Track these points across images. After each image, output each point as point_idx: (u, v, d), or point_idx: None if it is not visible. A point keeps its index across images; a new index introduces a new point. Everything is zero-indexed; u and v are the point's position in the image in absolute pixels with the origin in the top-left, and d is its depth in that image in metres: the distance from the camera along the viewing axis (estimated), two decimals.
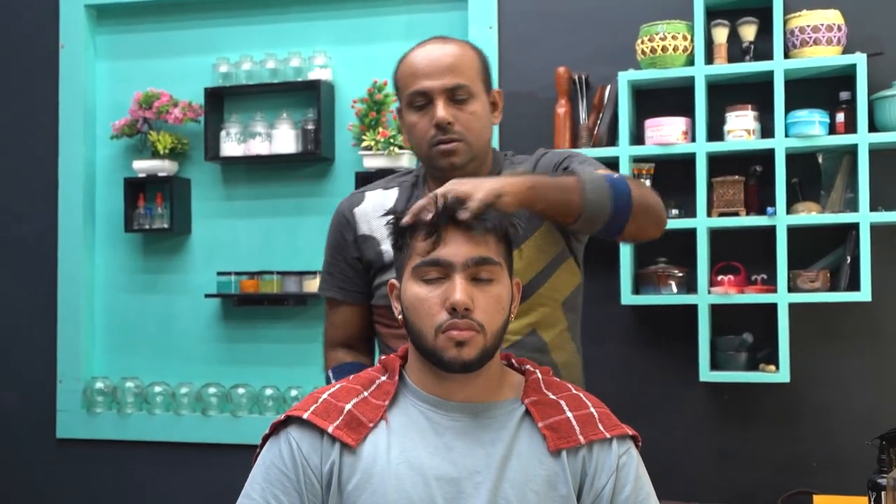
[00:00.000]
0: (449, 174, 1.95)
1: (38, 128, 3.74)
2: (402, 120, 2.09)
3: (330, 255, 2.22)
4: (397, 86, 2.09)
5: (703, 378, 2.96)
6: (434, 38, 2.09)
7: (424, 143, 2.03)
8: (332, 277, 2.21)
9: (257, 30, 3.61)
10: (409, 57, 2.06)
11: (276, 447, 1.59)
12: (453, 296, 1.52)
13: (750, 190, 3.02)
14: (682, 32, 3.02)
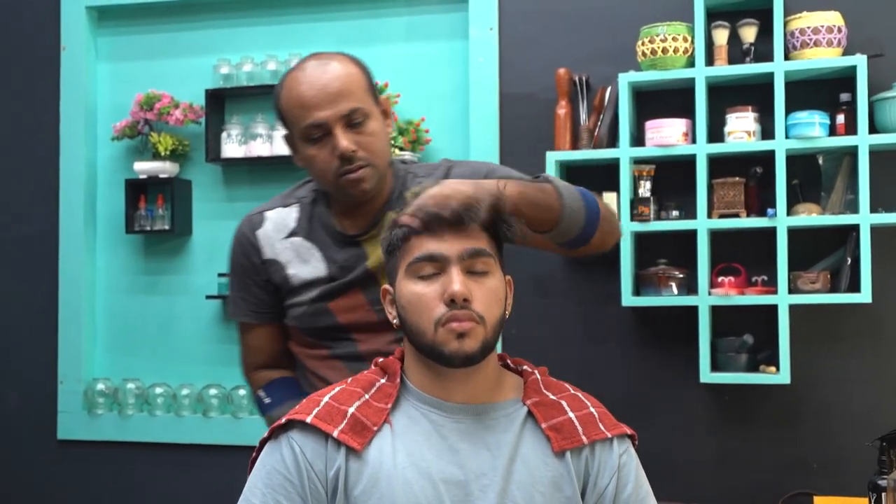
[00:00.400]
0: (359, 200, 1.98)
1: (39, 129, 3.75)
2: (295, 150, 2.01)
3: (238, 279, 2.13)
4: (284, 118, 1.99)
5: (703, 379, 2.97)
6: (312, 59, 1.99)
7: (329, 175, 1.94)
8: (245, 302, 2.13)
9: (258, 31, 3.61)
10: (293, 86, 1.95)
11: (278, 451, 1.56)
12: (451, 287, 1.52)
13: (750, 191, 3.02)
14: (683, 34, 3.02)
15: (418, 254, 1.55)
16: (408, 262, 1.56)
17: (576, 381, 3.27)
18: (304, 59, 2.00)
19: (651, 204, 3.03)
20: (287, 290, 2.07)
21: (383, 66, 3.45)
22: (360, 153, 1.92)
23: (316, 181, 2.04)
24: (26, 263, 3.75)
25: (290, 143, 2.03)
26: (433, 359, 1.55)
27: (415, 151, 3.35)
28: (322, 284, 2.03)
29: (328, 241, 2.04)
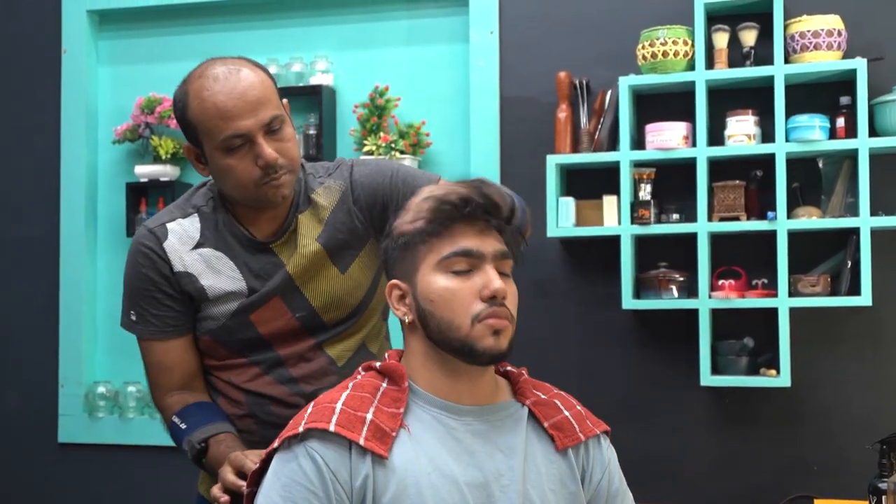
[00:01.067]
0: (275, 206, 1.95)
1: (40, 132, 3.75)
2: (204, 162, 1.94)
3: (145, 295, 2.00)
4: (196, 129, 1.90)
5: (703, 382, 2.97)
6: (216, 65, 1.91)
7: (250, 185, 1.89)
8: (157, 318, 2.00)
9: (259, 35, 3.62)
10: (206, 96, 1.87)
11: (294, 462, 1.49)
12: (493, 283, 1.53)
13: (750, 194, 3.02)
14: (683, 37, 3.02)
15: (454, 249, 1.54)
16: (440, 257, 1.54)
17: (576, 383, 3.28)
18: (205, 66, 1.92)
19: (651, 207, 3.03)
20: (202, 302, 1.99)
21: (384, 70, 3.47)
22: (281, 160, 1.88)
23: (227, 190, 1.95)
24: (27, 266, 3.75)
25: (197, 155, 1.95)
26: (461, 354, 1.54)
27: (415, 155, 3.36)
28: (240, 296, 1.98)
29: (238, 248, 1.99)
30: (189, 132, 1.93)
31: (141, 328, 2.02)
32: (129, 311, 2.03)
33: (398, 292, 1.60)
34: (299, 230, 2.00)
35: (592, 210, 3.13)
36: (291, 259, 1.98)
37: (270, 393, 2.01)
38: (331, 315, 2.02)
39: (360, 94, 3.43)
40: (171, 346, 2.02)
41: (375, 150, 3.32)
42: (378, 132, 3.35)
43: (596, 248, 3.17)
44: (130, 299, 2.02)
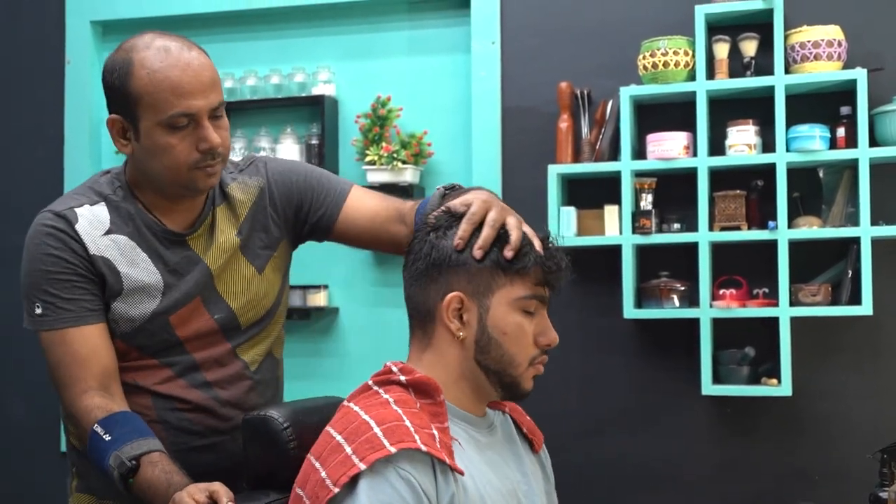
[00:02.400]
0: (198, 195, 1.89)
1: (43, 142, 3.76)
2: (143, 138, 1.81)
3: (53, 279, 1.86)
4: (140, 101, 1.78)
5: (705, 391, 2.97)
6: (165, 39, 1.82)
7: (183, 167, 1.80)
8: (70, 303, 1.85)
9: (261, 45, 3.63)
10: (159, 67, 1.77)
11: (387, 485, 1.41)
12: (552, 334, 1.60)
13: (751, 204, 3.03)
14: (684, 48, 3.04)
15: (534, 293, 1.58)
16: (520, 296, 1.57)
17: (578, 392, 3.30)
18: (150, 38, 1.81)
19: (652, 217, 3.04)
20: (115, 297, 1.87)
21: (386, 80, 3.49)
22: (221, 148, 1.83)
23: (155, 170, 1.84)
24: None
25: (123, 129, 1.84)
26: (504, 387, 1.59)
27: (417, 165, 3.37)
28: (155, 291, 1.88)
29: (152, 240, 1.89)
30: (123, 103, 1.81)
31: (52, 318, 1.85)
32: (32, 305, 1.87)
33: (457, 306, 1.57)
34: (217, 223, 1.94)
35: (594, 220, 3.14)
36: (209, 253, 1.92)
37: (184, 396, 1.92)
38: (247, 317, 1.97)
39: (363, 105, 3.44)
40: (89, 334, 1.85)
41: (377, 160, 3.33)
42: (380, 142, 3.36)
43: (597, 257, 3.18)
44: (35, 290, 1.87)
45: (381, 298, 3.46)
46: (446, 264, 1.58)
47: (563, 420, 3.21)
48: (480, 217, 1.59)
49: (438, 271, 1.58)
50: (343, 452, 1.45)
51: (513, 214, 1.62)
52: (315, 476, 1.47)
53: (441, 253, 1.58)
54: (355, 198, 2.02)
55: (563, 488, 3.23)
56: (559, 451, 3.22)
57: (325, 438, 1.52)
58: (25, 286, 1.90)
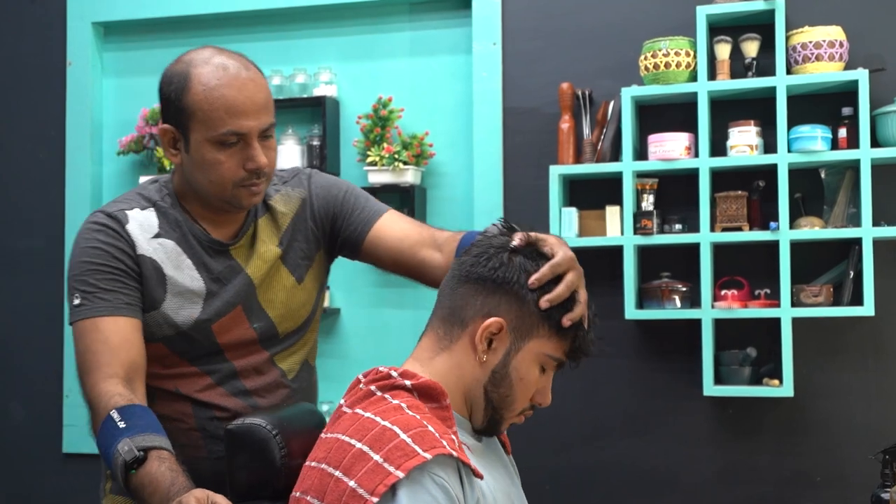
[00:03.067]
0: (242, 210, 1.93)
1: (45, 143, 3.77)
2: (193, 151, 1.85)
3: (96, 270, 1.86)
4: (194, 115, 1.83)
5: (706, 392, 2.97)
6: (224, 57, 1.85)
7: (229, 184, 1.85)
8: (109, 293, 1.84)
9: (262, 46, 3.63)
10: (215, 85, 1.81)
11: (425, 493, 1.41)
12: (548, 399, 1.65)
13: (753, 205, 3.03)
14: (685, 48, 3.04)
15: (560, 358, 1.62)
16: (551, 354, 1.60)
17: (579, 394, 3.29)
18: (210, 54, 1.86)
19: (654, 217, 3.04)
20: (160, 296, 1.89)
21: (387, 81, 3.49)
22: (266, 168, 1.87)
23: (201, 184, 1.88)
24: (33, 277, 3.76)
25: (174, 139, 1.88)
26: (487, 421, 1.62)
27: (419, 165, 3.37)
28: (198, 297, 1.91)
29: (198, 247, 1.93)
30: (177, 115, 1.85)
31: (88, 308, 1.83)
32: (72, 297, 1.86)
33: (494, 332, 1.58)
34: (258, 234, 1.98)
35: (595, 220, 3.13)
36: (250, 263, 1.96)
37: (223, 404, 1.94)
38: (285, 326, 2.00)
39: (364, 105, 3.44)
40: (123, 325, 1.83)
41: (379, 161, 3.33)
42: (381, 143, 3.36)
43: (599, 258, 3.17)
44: (76, 282, 1.86)
45: (382, 300, 3.45)
46: (506, 288, 1.58)
47: (564, 421, 3.21)
48: (563, 270, 1.60)
49: (495, 289, 1.59)
50: (371, 461, 1.43)
51: (583, 287, 1.65)
52: (339, 486, 1.44)
53: (509, 275, 1.59)
54: (388, 219, 2.05)
55: (564, 489, 3.25)
56: (560, 452, 3.24)
57: (339, 446, 1.49)
58: (69, 280, 1.89)
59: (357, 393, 1.61)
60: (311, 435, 1.67)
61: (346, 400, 1.62)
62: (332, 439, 1.53)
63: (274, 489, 1.65)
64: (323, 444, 1.55)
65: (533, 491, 3.25)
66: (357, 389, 1.62)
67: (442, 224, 3.37)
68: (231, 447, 1.69)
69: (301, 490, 1.53)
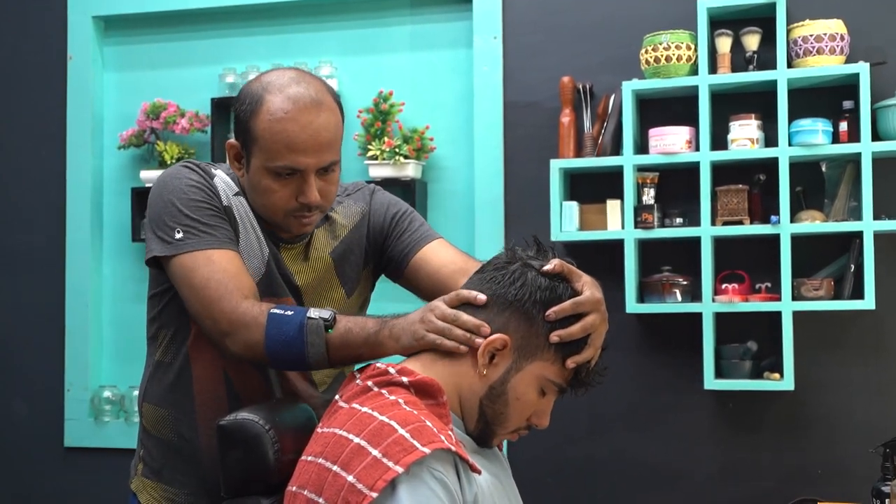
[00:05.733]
0: (291, 235, 1.91)
1: (46, 138, 3.77)
2: (250, 172, 1.85)
3: (196, 205, 1.84)
4: (257, 138, 1.81)
5: (707, 386, 2.97)
6: (301, 87, 1.83)
7: (280, 211, 1.85)
8: (214, 229, 1.83)
9: (263, 40, 3.63)
10: (281, 117, 1.79)
11: (425, 487, 1.42)
12: (546, 422, 1.65)
13: (754, 198, 3.03)
14: (686, 42, 3.03)
15: (561, 384, 1.61)
16: (551, 379, 1.60)
17: None
18: (288, 80, 1.84)
19: (655, 211, 3.04)
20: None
21: (388, 75, 3.49)
22: (320, 202, 1.85)
23: (255, 203, 1.89)
24: (33, 272, 3.76)
25: (239, 156, 1.89)
26: (479, 433, 1.62)
27: (419, 160, 3.37)
28: (256, 274, 1.88)
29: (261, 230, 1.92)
30: (243, 135, 1.85)
31: (195, 241, 1.81)
32: (171, 231, 1.81)
33: (499, 347, 1.58)
34: (313, 243, 1.97)
35: (596, 214, 3.14)
36: (299, 271, 1.94)
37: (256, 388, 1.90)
38: None
39: (365, 100, 3.44)
40: (233, 256, 1.83)
41: (380, 155, 3.33)
42: (382, 137, 3.36)
43: (599, 252, 3.18)
44: (173, 217, 1.82)
45: (383, 293, 3.44)
46: (517, 306, 1.58)
47: (565, 414, 3.20)
48: (585, 311, 1.60)
49: (507, 305, 1.59)
50: (370, 455, 1.43)
51: (603, 333, 1.64)
52: (338, 481, 1.44)
53: (523, 294, 1.58)
54: (436, 246, 2.03)
55: (565, 483, 3.25)
56: (561, 446, 3.24)
57: (336, 440, 1.50)
58: (159, 215, 1.84)
59: (354, 388, 1.61)
60: (303, 430, 1.67)
61: (341, 395, 1.63)
62: (329, 434, 1.53)
63: (267, 484, 1.65)
64: (320, 439, 1.55)
65: (534, 484, 3.26)
66: (354, 385, 1.62)
67: (442, 218, 3.41)
68: (224, 443, 1.69)
69: (297, 485, 1.53)
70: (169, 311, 1.93)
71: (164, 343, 1.95)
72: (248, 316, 1.74)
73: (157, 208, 1.85)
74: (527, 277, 1.59)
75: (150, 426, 1.98)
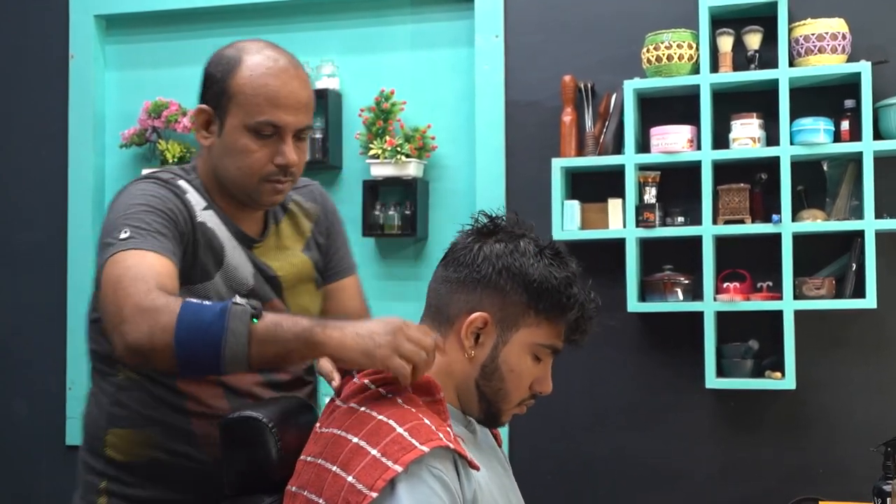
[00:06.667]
0: (262, 208, 1.89)
1: (48, 137, 3.77)
2: (226, 135, 1.82)
3: (155, 211, 1.74)
4: (234, 98, 1.80)
5: (708, 385, 2.98)
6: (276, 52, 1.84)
7: (255, 175, 1.81)
8: (161, 235, 1.70)
9: (265, 39, 3.62)
10: (262, 72, 1.80)
11: (424, 486, 1.41)
12: (549, 386, 1.62)
13: (755, 197, 3.03)
14: (688, 41, 3.03)
15: (552, 344, 1.59)
16: (541, 342, 1.58)
17: (581, 386, 3.30)
18: (262, 45, 1.86)
19: (656, 210, 3.04)
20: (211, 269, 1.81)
21: (389, 74, 3.49)
22: (295, 168, 1.83)
23: (228, 170, 1.83)
24: (35, 270, 3.77)
25: (209, 121, 1.85)
26: (486, 415, 1.61)
27: (421, 158, 3.37)
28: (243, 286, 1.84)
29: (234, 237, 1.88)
30: (218, 96, 1.83)
31: (137, 241, 1.66)
32: (117, 232, 1.68)
33: (480, 326, 1.57)
34: (282, 236, 1.95)
35: (597, 213, 3.14)
36: (279, 263, 1.92)
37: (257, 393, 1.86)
38: None
39: (366, 98, 3.44)
40: (168, 265, 1.67)
41: (381, 154, 3.33)
42: (384, 136, 3.36)
43: (601, 251, 3.18)
44: (125, 220, 1.70)
45: (385, 292, 3.46)
46: (484, 282, 1.56)
47: (566, 413, 3.22)
48: None
49: (475, 284, 1.57)
50: (369, 455, 1.42)
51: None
52: (338, 481, 1.44)
53: (484, 269, 1.56)
54: (351, 283, 2.07)
55: (566, 481, 3.25)
56: (562, 445, 3.24)
57: (335, 440, 1.49)
58: (114, 220, 1.72)
59: (351, 387, 1.61)
60: (305, 428, 1.67)
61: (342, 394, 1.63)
62: (328, 434, 1.53)
63: (271, 482, 1.64)
64: (319, 439, 1.55)
65: (535, 483, 3.26)
66: (351, 384, 1.62)
67: (444, 217, 3.41)
68: (227, 440, 1.67)
69: (297, 485, 1.52)
70: None
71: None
72: (158, 301, 1.54)
73: (114, 213, 1.76)
74: (483, 252, 1.57)
75: (120, 454, 1.88)
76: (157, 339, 1.52)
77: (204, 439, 1.81)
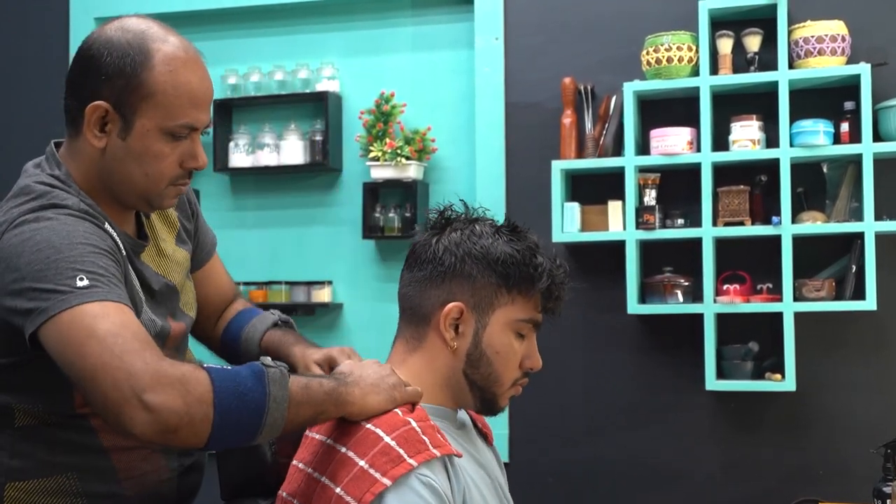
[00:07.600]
0: (152, 211, 1.69)
1: (48, 137, 3.75)
2: (133, 137, 1.56)
3: (101, 252, 1.49)
4: (150, 97, 1.55)
5: (709, 387, 2.98)
6: (176, 36, 1.62)
7: (165, 181, 1.60)
8: (120, 281, 1.49)
9: (266, 42, 3.64)
10: (181, 71, 1.56)
11: (413, 494, 1.38)
12: (538, 360, 1.60)
13: (755, 199, 3.03)
14: (688, 43, 3.04)
15: (532, 317, 1.57)
16: (519, 318, 1.56)
17: (582, 388, 3.30)
18: (165, 32, 1.62)
19: (656, 212, 3.04)
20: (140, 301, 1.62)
21: (389, 76, 3.49)
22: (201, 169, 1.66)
23: (130, 175, 1.59)
24: None
25: (104, 120, 1.57)
26: (482, 402, 1.59)
27: (421, 160, 3.37)
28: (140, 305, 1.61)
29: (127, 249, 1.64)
30: (124, 93, 1.55)
31: (104, 290, 1.42)
32: (69, 280, 1.41)
33: (456, 316, 1.55)
34: (157, 233, 1.75)
35: (597, 215, 3.14)
36: (167, 267, 1.74)
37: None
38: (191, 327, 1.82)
39: (366, 101, 3.45)
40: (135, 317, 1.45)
41: (381, 156, 3.33)
42: (384, 138, 3.36)
43: (601, 253, 3.18)
44: (72, 264, 1.43)
45: (385, 294, 3.46)
46: (450, 273, 1.55)
47: (566, 415, 3.22)
48: None
49: (442, 278, 1.56)
50: (356, 466, 1.40)
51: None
52: (326, 493, 1.43)
53: (446, 260, 1.55)
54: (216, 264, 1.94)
55: (566, 482, 3.25)
56: (563, 446, 3.24)
57: (324, 449, 1.49)
58: (54, 263, 1.43)
59: None
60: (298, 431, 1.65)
61: None
62: (317, 441, 1.53)
63: (266, 486, 1.64)
64: (309, 445, 1.54)
65: (536, 484, 3.26)
66: None
67: None
68: None
69: (288, 492, 1.52)
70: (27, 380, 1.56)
71: (31, 411, 1.58)
72: (178, 368, 1.35)
73: (44, 260, 1.44)
74: (442, 244, 1.57)
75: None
76: (194, 411, 1.33)
77: (126, 473, 1.63)
